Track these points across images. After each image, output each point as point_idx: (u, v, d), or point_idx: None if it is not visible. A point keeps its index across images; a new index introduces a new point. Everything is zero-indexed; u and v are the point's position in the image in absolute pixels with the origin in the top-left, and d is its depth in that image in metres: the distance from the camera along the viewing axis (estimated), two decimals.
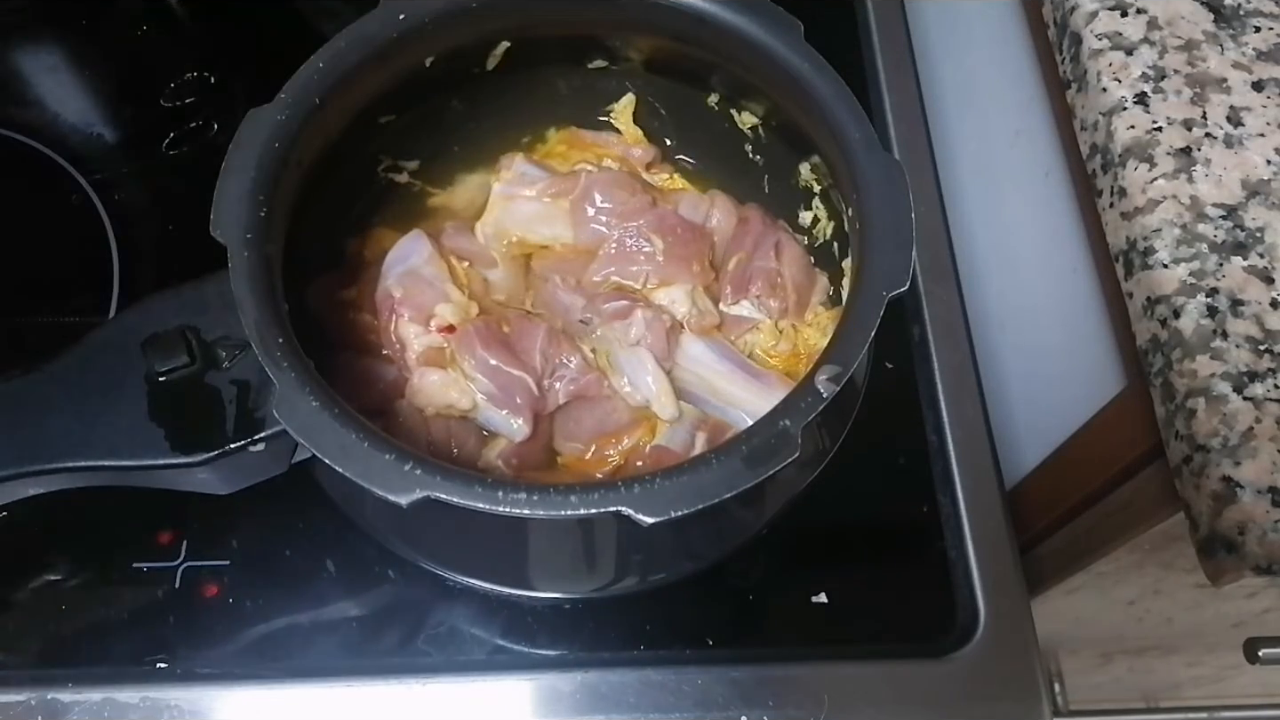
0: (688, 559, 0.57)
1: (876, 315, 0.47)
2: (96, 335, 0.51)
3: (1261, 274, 0.49)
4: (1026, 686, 0.55)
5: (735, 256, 0.60)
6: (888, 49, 0.78)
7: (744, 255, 0.60)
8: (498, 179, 0.62)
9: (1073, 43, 0.58)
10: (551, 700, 0.54)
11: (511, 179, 0.62)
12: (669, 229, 0.59)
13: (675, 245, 0.59)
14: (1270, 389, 0.46)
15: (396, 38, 0.54)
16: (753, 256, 0.60)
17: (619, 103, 0.65)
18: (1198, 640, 0.83)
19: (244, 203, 0.47)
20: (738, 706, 0.54)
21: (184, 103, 0.74)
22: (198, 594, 0.57)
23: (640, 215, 0.59)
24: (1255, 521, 0.44)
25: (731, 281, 0.59)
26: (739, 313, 0.59)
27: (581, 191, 0.60)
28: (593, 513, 0.42)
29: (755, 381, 0.56)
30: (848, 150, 0.51)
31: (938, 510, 0.61)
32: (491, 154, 0.64)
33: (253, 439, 0.48)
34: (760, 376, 0.56)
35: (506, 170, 0.62)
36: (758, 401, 0.55)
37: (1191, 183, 0.51)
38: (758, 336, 0.59)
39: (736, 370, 0.57)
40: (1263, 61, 0.55)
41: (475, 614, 0.57)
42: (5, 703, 0.53)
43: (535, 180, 0.61)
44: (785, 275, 0.59)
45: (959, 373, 0.65)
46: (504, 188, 0.61)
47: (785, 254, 0.60)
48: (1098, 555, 0.65)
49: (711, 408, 0.57)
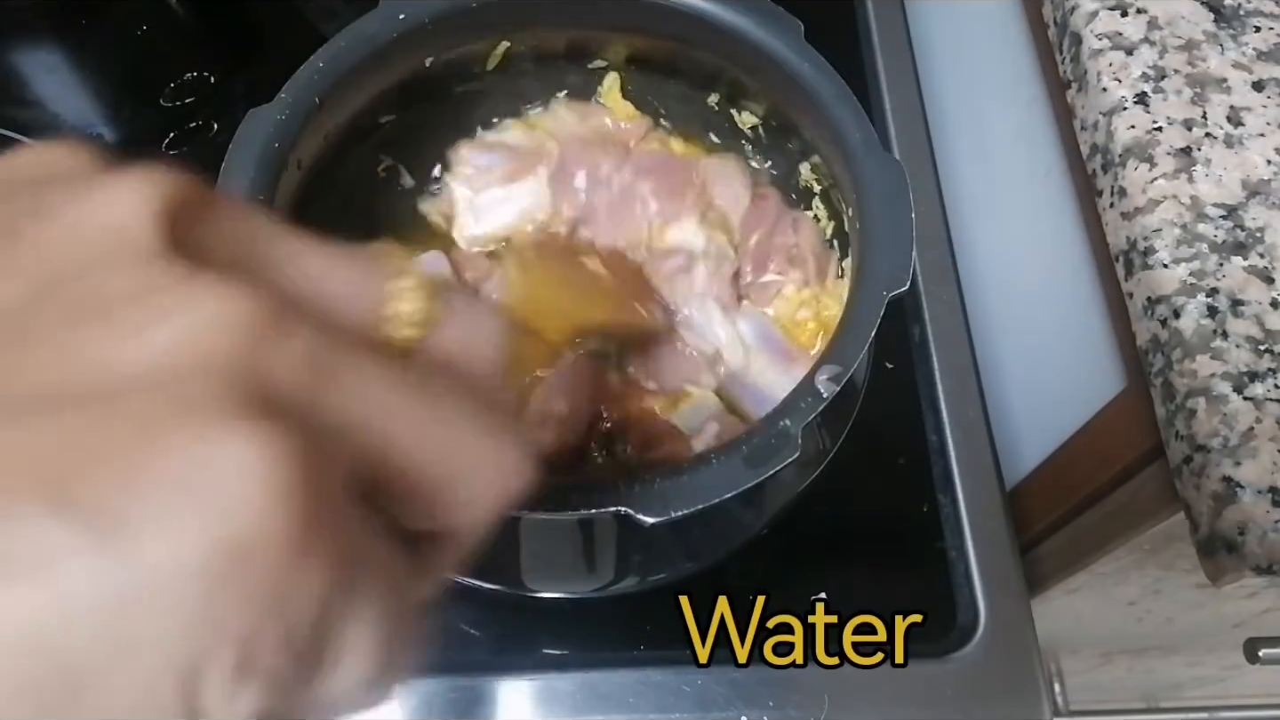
0: (688, 559, 0.57)
1: (876, 315, 0.47)
2: None
3: (1262, 274, 0.49)
4: (1026, 686, 0.55)
5: (755, 234, 0.61)
6: (888, 49, 0.78)
7: (764, 233, 0.60)
8: (453, 178, 0.61)
9: (1073, 43, 0.58)
10: (551, 700, 0.54)
11: (470, 175, 0.61)
12: (648, 170, 0.60)
13: (663, 180, 0.60)
14: (1270, 389, 0.46)
15: (396, 38, 0.54)
16: (773, 233, 0.60)
17: (604, 84, 0.64)
18: (1198, 640, 0.83)
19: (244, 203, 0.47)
20: (738, 706, 0.54)
21: (184, 103, 0.74)
22: None
23: (618, 168, 0.60)
24: (1255, 521, 0.44)
25: (753, 258, 0.60)
26: (763, 280, 0.60)
27: (557, 167, 0.60)
28: (593, 513, 0.42)
29: (788, 364, 0.57)
30: (848, 150, 0.51)
31: (938, 510, 0.61)
32: None
33: None
34: (794, 361, 0.57)
35: (461, 166, 0.61)
36: (787, 385, 0.56)
37: (1192, 183, 0.51)
38: (781, 305, 0.59)
39: (773, 352, 0.57)
40: (1263, 61, 0.55)
41: (475, 614, 0.57)
42: None
43: (493, 167, 0.61)
44: (803, 247, 0.60)
45: (959, 373, 0.65)
46: (464, 188, 0.61)
47: (803, 230, 0.60)
48: (1098, 555, 0.65)
49: (742, 388, 0.57)
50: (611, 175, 0.60)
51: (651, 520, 0.41)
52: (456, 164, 0.61)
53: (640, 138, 0.64)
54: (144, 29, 0.78)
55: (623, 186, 0.59)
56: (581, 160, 0.60)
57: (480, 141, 0.62)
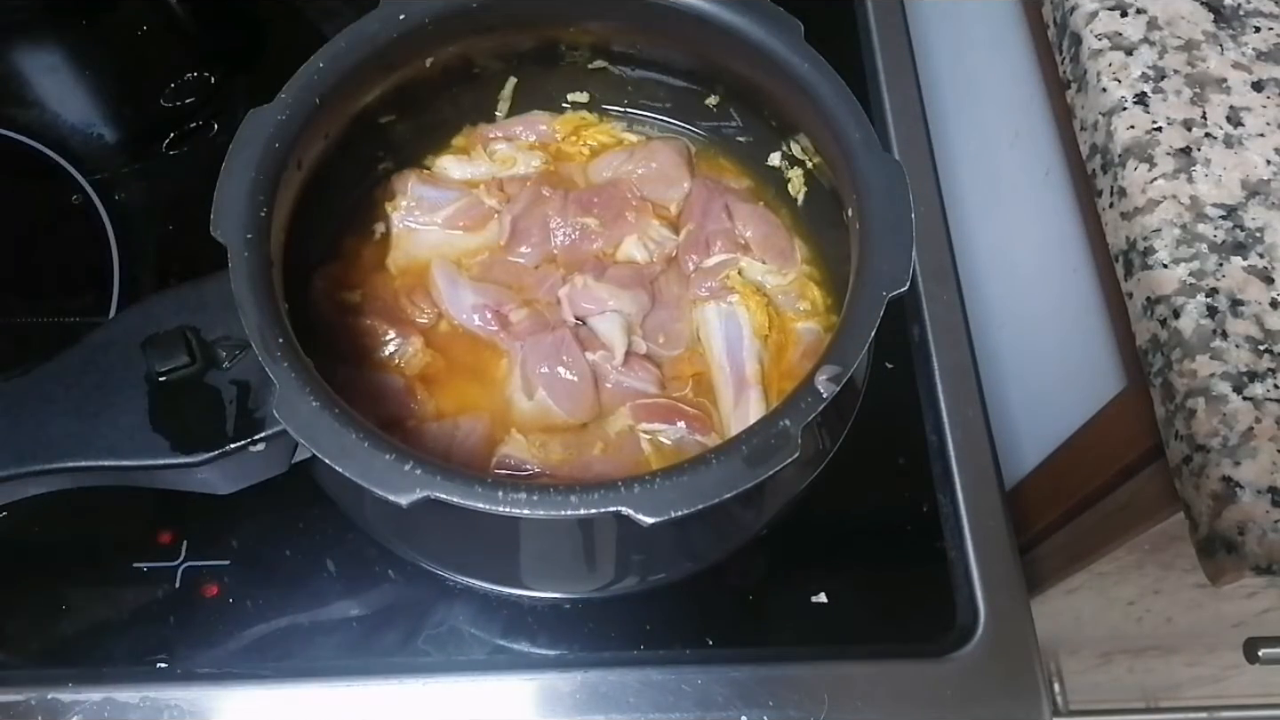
0: (688, 559, 0.57)
1: (876, 315, 0.47)
2: (96, 335, 0.51)
3: (1261, 274, 0.49)
4: (1026, 686, 0.55)
5: (685, 229, 0.61)
6: (888, 49, 0.78)
7: (694, 225, 0.61)
8: (392, 206, 0.61)
9: (1073, 43, 0.58)
10: (551, 700, 0.54)
11: (410, 205, 0.61)
12: (589, 204, 0.61)
13: (604, 211, 0.61)
14: (1270, 389, 0.46)
15: (396, 38, 0.54)
16: (703, 224, 0.61)
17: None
18: (1198, 640, 0.83)
19: (244, 203, 0.47)
20: (738, 706, 0.54)
21: (184, 103, 0.74)
22: (198, 594, 0.57)
23: (562, 212, 0.61)
24: (1255, 521, 0.44)
25: (694, 249, 0.61)
26: (710, 263, 0.60)
27: (510, 237, 0.61)
28: (593, 513, 0.42)
29: (731, 387, 0.57)
30: (848, 150, 0.51)
31: (938, 510, 0.61)
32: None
33: (253, 439, 0.48)
34: (743, 389, 0.57)
35: (401, 195, 0.61)
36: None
37: (1191, 183, 0.51)
38: (751, 316, 0.59)
39: (727, 368, 0.58)
40: (1263, 61, 0.55)
41: (475, 614, 0.57)
42: (5, 703, 0.53)
43: (435, 206, 0.61)
44: (744, 233, 0.60)
45: (959, 373, 0.65)
46: (403, 219, 0.61)
47: (738, 214, 0.61)
48: (1098, 555, 0.65)
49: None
50: (560, 222, 0.61)
51: (651, 520, 0.41)
52: (396, 192, 0.61)
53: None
54: (144, 29, 0.78)
55: (570, 230, 0.61)
56: (530, 220, 0.61)
57: (419, 173, 0.63)
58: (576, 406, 0.56)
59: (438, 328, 0.59)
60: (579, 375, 0.56)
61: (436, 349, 0.58)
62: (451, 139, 0.65)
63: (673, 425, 0.56)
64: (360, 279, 0.60)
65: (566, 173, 0.64)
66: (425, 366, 0.57)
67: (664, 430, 0.56)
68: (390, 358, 0.57)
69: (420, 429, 0.55)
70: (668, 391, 0.58)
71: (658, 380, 0.58)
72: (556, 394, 0.56)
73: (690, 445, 0.55)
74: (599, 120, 0.66)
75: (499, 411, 0.57)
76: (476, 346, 0.59)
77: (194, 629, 0.56)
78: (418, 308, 0.59)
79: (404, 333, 0.57)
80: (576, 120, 0.66)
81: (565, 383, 0.56)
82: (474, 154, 0.64)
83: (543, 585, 0.57)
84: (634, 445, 0.55)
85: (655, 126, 0.66)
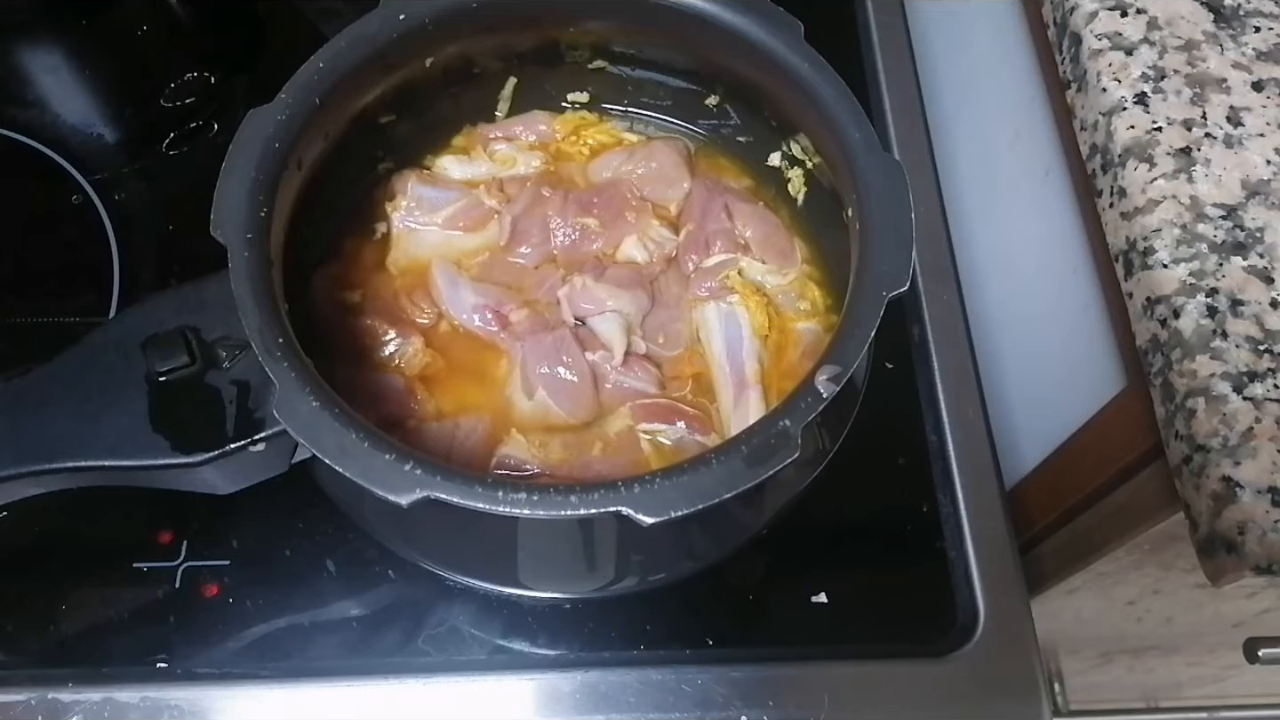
0: (688, 559, 0.57)
1: (876, 315, 0.47)
2: (96, 335, 0.51)
3: (1261, 274, 0.49)
4: (1026, 686, 0.55)
5: (685, 229, 0.61)
6: (888, 49, 0.78)
7: (694, 225, 0.61)
8: (392, 206, 0.61)
9: (1073, 43, 0.58)
10: (551, 700, 0.54)
11: (410, 205, 0.61)
12: (589, 205, 0.61)
13: (604, 211, 0.61)
14: (1270, 389, 0.46)
15: (396, 38, 0.54)
16: (703, 224, 0.61)
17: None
18: (1198, 640, 0.83)
19: (244, 203, 0.47)
20: (738, 706, 0.54)
21: (184, 103, 0.74)
22: (198, 594, 0.57)
23: (562, 213, 0.61)
24: (1255, 521, 0.44)
25: (694, 249, 0.61)
26: (710, 263, 0.60)
27: (510, 238, 0.61)
28: (592, 513, 0.42)
29: (731, 387, 0.57)
30: (848, 150, 0.51)
31: (938, 510, 0.61)
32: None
33: (253, 439, 0.48)
34: (743, 389, 0.57)
35: (401, 195, 0.61)
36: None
37: (1191, 183, 0.51)
38: (751, 316, 0.59)
39: (727, 368, 0.58)
40: (1263, 61, 0.55)
41: (475, 614, 0.57)
42: (5, 703, 0.53)
43: (435, 206, 0.61)
44: (744, 233, 0.60)
45: (959, 373, 0.65)
46: (403, 219, 0.61)
47: (738, 214, 0.61)
48: (1098, 555, 0.65)
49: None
50: (560, 223, 0.61)
51: (651, 520, 0.41)
52: (396, 193, 0.61)
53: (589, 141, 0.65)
54: (144, 29, 0.78)
55: (570, 231, 0.61)
56: (531, 221, 0.61)
57: (419, 173, 0.62)
58: (576, 406, 0.56)
59: (438, 328, 0.59)
60: (579, 375, 0.56)
61: (436, 349, 0.58)
62: (451, 139, 0.65)
63: (672, 425, 0.56)
64: (360, 279, 0.60)
65: (566, 173, 0.64)
66: (425, 366, 0.57)
67: (664, 430, 0.56)
68: (390, 358, 0.57)
69: (420, 429, 0.55)
70: (667, 391, 0.58)
71: (657, 380, 0.58)
72: (556, 394, 0.56)
73: (690, 445, 0.55)
74: (599, 120, 0.66)
75: (499, 412, 0.57)
76: (476, 347, 0.59)
77: (194, 629, 0.56)
78: (418, 308, 0.59)
79: (404, 333, 0.57)
80: (576, 120, 0.66)
81: (565, 383, 0.56)
82: (474, 154, 0.64)
83: (543, 585, 0.57)
84: (634, 445, 0.55)
85: (655, 126, 0.67)
